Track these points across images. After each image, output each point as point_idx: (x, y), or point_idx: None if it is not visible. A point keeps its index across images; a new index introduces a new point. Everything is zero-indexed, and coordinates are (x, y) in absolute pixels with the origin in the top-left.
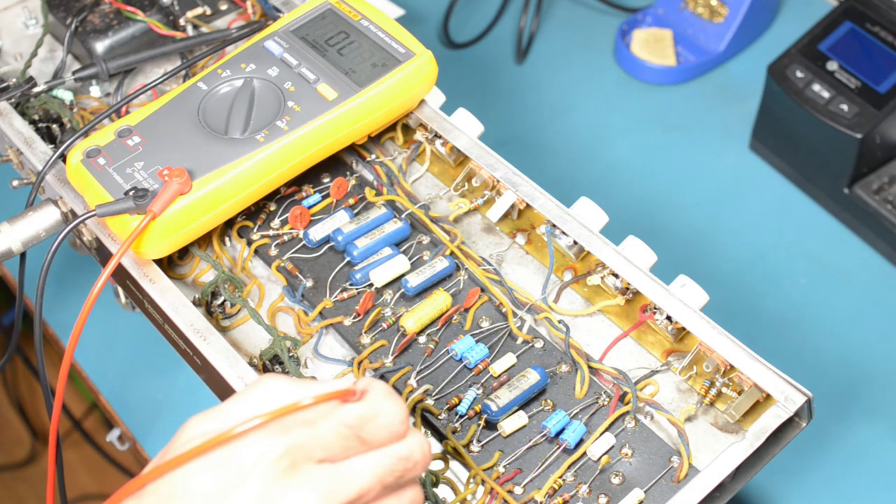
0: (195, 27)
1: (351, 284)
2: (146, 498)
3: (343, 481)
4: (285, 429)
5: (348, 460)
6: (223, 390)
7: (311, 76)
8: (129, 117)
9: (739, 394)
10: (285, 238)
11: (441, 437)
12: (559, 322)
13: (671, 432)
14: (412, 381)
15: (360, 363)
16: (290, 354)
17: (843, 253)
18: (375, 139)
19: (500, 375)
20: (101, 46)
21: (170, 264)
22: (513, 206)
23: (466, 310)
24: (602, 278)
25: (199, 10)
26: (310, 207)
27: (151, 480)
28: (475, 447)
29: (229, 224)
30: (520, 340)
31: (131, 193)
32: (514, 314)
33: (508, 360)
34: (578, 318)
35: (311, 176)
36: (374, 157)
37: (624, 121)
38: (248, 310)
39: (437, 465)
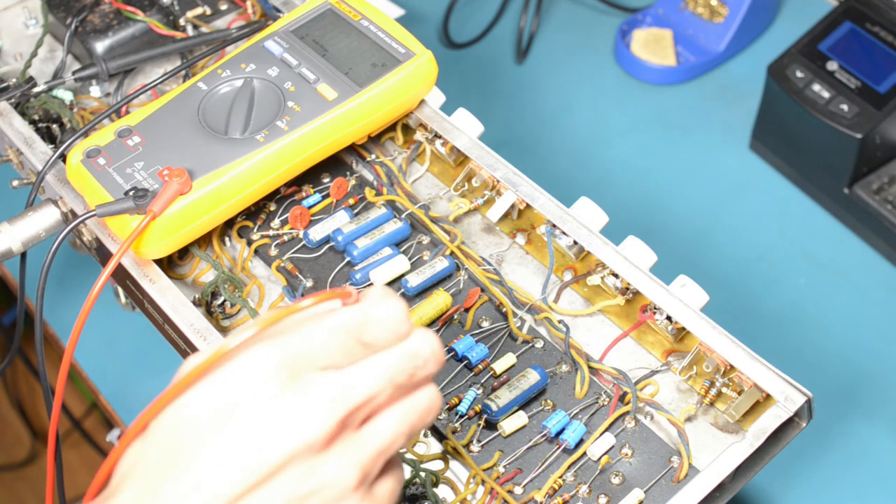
0: (195, 27)
1: (351, 284)
2: (150, 436)
3: (350, 385)
4: (283, 341)
5: (354, 365)
6: None
7: (311, 76)
8: (129, 117)
9: (739, 394)
10: (285, 238)
11: (441, 437)
12: (559, 322)
13: (671, 432)
14: None
15: None
16: None
17: (843, 253)
18: (375, 139)
19: (500, 375)
20: (101, 46)
21: (170, 264)
22: (513, 206)
23: (466, 310)
24: (602, 278)
25: (199, 10)
26: (310, 207)
27: (152, 417)
28: (475, 447)
29: (229, 224)
30: (520, 340)
31: (131, 193)
32: (514, 314)
33: (508, 360)
34: (578, 318)
35: (311, 176)
36: (374, 157)
37: (624, 121)
38: (248, 310)
39: (437, 465)
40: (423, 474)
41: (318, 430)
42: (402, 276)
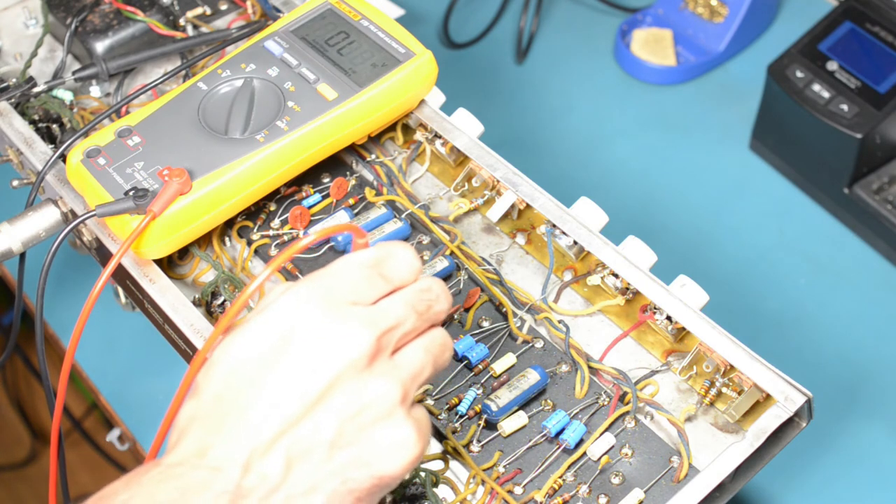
0: (195, 27)
1: None
2: (203, 390)
3: (379, 310)
4: (314, 281)
5: (379, 300)
6: None
7: (311, 76)
8: (129, 117)
9: (739, 394)
10: (285, 238)
11: (441, 437)
12: (559, 322)
13: (671, 432)
14: None
15: None
16: None
17: (843, 253)
18: (375, 139)
19: (500, 375)
20: (101, 46)
21: (170, 264)
22: (513, 206)
23: (466, 310)
24: (602, 278)
25: (199, 10)
26: (310, 207)
27: (197, 372)
28: (475, 447)
29: (229, 224)
30: (520, 340)
31: (131, 193)
32: (514, 314)
33: (508, 360)
34: (578, 318)
35: (311, 176)
36: (374, 157)
37: (624, 121)
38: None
39: (437, 465)
40: (422, 474)
41: (360, 349)
42: None
